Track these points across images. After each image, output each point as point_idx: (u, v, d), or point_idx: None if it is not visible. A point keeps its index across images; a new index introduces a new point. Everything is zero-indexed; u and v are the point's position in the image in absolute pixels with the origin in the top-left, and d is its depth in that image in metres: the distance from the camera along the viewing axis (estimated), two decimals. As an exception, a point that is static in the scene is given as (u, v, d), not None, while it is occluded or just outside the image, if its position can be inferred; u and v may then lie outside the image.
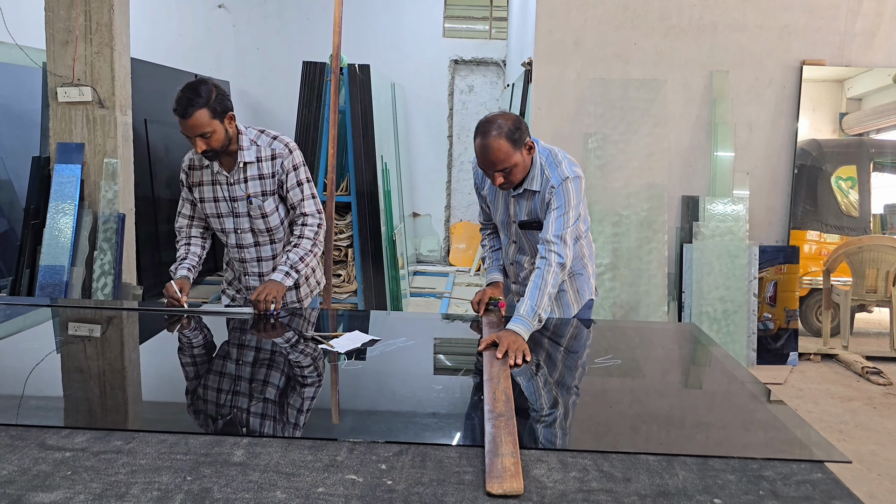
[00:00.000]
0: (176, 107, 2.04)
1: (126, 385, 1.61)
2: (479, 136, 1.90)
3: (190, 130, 2.05)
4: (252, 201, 2.21)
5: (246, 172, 2.20)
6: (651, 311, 4.11)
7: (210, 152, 2.11)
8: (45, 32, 3.80)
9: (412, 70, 7.04)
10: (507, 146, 1.88)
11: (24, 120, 5.19)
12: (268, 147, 2.21)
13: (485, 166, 1.92)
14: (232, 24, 7.06)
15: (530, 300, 1.87)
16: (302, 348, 1.88)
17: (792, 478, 1.14)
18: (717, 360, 1.84)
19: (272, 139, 2.22)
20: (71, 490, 1.05)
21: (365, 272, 4.47)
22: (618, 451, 1.22)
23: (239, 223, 2.26)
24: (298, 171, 2.23)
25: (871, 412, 3.43)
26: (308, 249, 2.22)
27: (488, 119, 1.93)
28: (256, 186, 2.21)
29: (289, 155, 2.20)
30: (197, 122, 2.04)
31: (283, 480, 1.09)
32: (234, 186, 2.21)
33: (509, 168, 1.91)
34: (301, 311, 2.32)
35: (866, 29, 4.14)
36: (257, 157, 2.20)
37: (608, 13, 4.14)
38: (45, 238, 3.74)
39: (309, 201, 2.25)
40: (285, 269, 2.17)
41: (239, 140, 2.18)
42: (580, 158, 4.23)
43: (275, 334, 2.04)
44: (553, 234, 1.94)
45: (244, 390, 1.55)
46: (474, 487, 1.08)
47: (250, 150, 2.19)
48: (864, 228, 4.36)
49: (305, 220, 2.24)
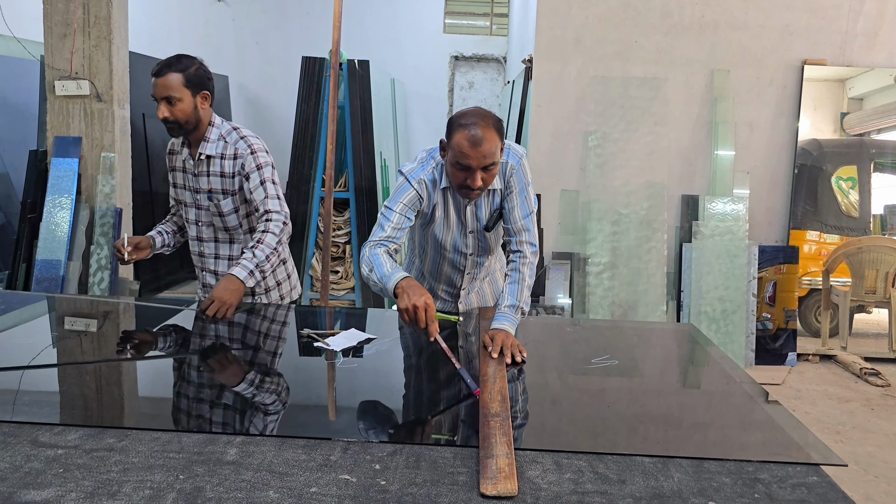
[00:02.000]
0: (155, 68, 2.00)
1: (122, 381, 1.60)
2: (467, 128, 1.68)
3: (158, 90, 1.98)
4: (211, 197, 2.13)
5: (209, 166, 2.11)
6: (650, 311, 4.10)
7: (172, 123, 2.02)
8: (43, 25, 3.78)
9: (412, 66, 7.03)
10: (497, 139, 1.71)
11: (21, 113, 5.17)
12: (233, 145, 2.11)
13: (474, 161, 1.69)
14: (231, 18, 7.04)
15: (511, 296, 1.83)
16: (297, 346, 1.87)
17: (787, 481, 1.14)
18: (714, 360, 1.84)
19: (240, 138, 2.12)
20: (63, 488, 1.04)
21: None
22: (613, 453, 1.21)
23: (200, 215, 2.19)
24: (262, 170, 2.10)
25: (868, 414, 3.43)
26: (273, 247, 2.05)
27: (469, 111, 1.75)
28: (217, 183, 2.12)
29: (250, 155, 2.08)
30: (167, 83, 1.97)
31: (277, 480, 1.08)
32: (197, 178, 2.14)
33: (493, 164, 1.72)
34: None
35: (868, 29, 4.12)
36: (222, 154, 2.10)
37: (609, 11, 4.12)
38: (42, 232, 3.73)
39: (273, 200, 2.09)
40: (250, 266, 2.00)
41: (207, 130, 2.10)
42: (580, 156, 4.22)
43: (271, 331, 2.03)
44: (521, 220, 1.87)
45: (238, 388, 1.54)
46: (468, 488, 1.07)
47: (216, 143, 2.10)
48: (864, 229, 4.35)
49: (269, 216, 2.07)
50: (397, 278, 1.67)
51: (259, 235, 2.05)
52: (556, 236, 4.22)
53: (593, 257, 4.14)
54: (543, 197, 4.19)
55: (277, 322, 2.12)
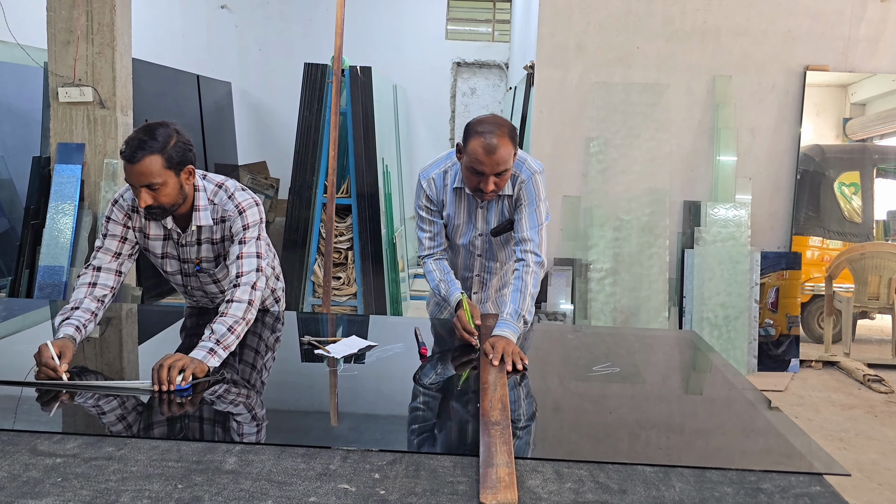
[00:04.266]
0: (124, 149, 1.69)
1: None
2: (483, 136, 1.76)
3: (135, 178, 1.69)
4: (202, 267, 1.95)
5: (200, 235, 1.91)
6: (652, 317, 4.09)
7: (156, 209, 1.75)
8: (46, 32, 3.80)
9: (414, 72, 7.04)
10: (511, 146, 1.79)
11: (25, 119, 5.19)
12: (222, 207, 1.87)
13: (488, 168, 1.77)
14: (234, 24, 7.07)
15: (513, 303, 1.85)
16: (299, 353, 1.87)
17: (790, 490, 1.13)
18: (716, 367, 1.83)
19: (228, 198, 1.88)
20: (61, 497, 1.03)
21: (365, 275, 4.46)
22: (614, 462, 1.21)
23: (188, 281, 2.03)
24: (248, 231, 1.85)
25: (872, 421, 3.41)
26: (239, 317, 1.71)
27: (486, 118, 1.81)
28: (209, 251, 1.93)
29: (237, 217, 1.85)
30: (145, 170, 1.68)
31: (275, 489, 1.07)
32: (185, 248, 1.93)
33: (506, 171, 1.80)
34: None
35: (870, 34, 4.12)
36: (213, 219, 1.88)
37: (611, 17, 4.13)
38: (45, 238, 3.74)
39: (249, 260, 1.81)
40: (209, 345, 1.62)
41: (196, 199, 1.84)
42: (581, 162, 4.22)
43: (271, 339, 2.03)
44: (528, 231, 1.93)
45: (238, 396, 1.54)
46: (468, 498, 1.07)
47: (206, 210, 1.86)
48: (867, 235, 4.34)
49: (238, 280, 1.78)
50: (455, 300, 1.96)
51: (223, 307, 1.74)
52: (557, 242, 4.21)
53: (595, 263, 4.14)
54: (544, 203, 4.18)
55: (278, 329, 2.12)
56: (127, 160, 1.69)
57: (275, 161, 6.85)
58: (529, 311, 1.87)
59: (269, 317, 2.17)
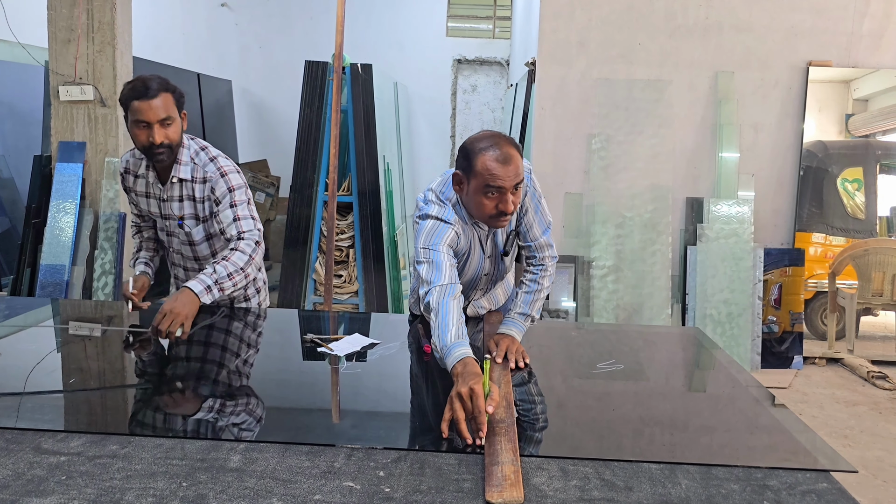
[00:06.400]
0: (132, 89, 1.80)
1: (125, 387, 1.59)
2: (490, 149, 1.58)
3: (152, 113, 1.81)
4: (183, 224, 1.99)
5: (181, 190, 1.98)
6: (654, 314, 4.08)
7: (165, 147, 1.86)
8: (47, 31, 3.80)
9: (415, 69, 7.03)
10: (519, 156, 1.63)
11: (25, 118, 5.19)
12: (202, 168, 1.96)
13: (507, 181, 1.58)
14: (235, 22, 7.06)
15: (524, 304, 1.84)
16: (301, 351, 1.86)
17: (797, 487, 1.12)
18: (720, 364, 1.82)
19: (210, 160, 1.97)
20: (65, 496, 1.03)
21: (366, 272, 4.45)
22: (620, 459, 1.20)
23: (170, 241, 2.07)
24: (234, 193, 1.95)
25: (876, 417, 3.40)
26: (240, 267, 1.85)
27: (481, 135, 1.65)
28: (189, 208, 1.99)
29: (220, 178, 1.94)
30: (161, 104, 1.82)
31: (280, 487, 1.07)
32: (166, 203, 1.99)
33: (520, 183, 1.62)
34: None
35: (874, 30, 4.10)
36: (192, 177, 1.96)
37: (613, 13, 4.11)
38: (46, 237, 3.73)
39: (246, 221, 1.94)
40: (208, 280, 1.80)
41: (179, 153, 1.94)
42: (584, 159, 4.21)
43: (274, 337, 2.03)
44: (541, 234, 1.85)
45: (241, 394, 1.54)
46: (473, 496, 1.06)
47: (187, 166, 1.96)
48: (871, 231, 4.32)
49: (242, 235, 1.91)
50: (457, 356, 1.41)
51: (226, 252, 1.88)
52: (560, 239, 4.20)
53: (597, 260, 4.13)
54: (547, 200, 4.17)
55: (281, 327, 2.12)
56: (141, 96, 1.80)
57: (275, 159, 6.85)
58: (538, 310, 1.87)
59: (251, 315, 2.17)
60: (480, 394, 1.27)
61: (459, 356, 1.40)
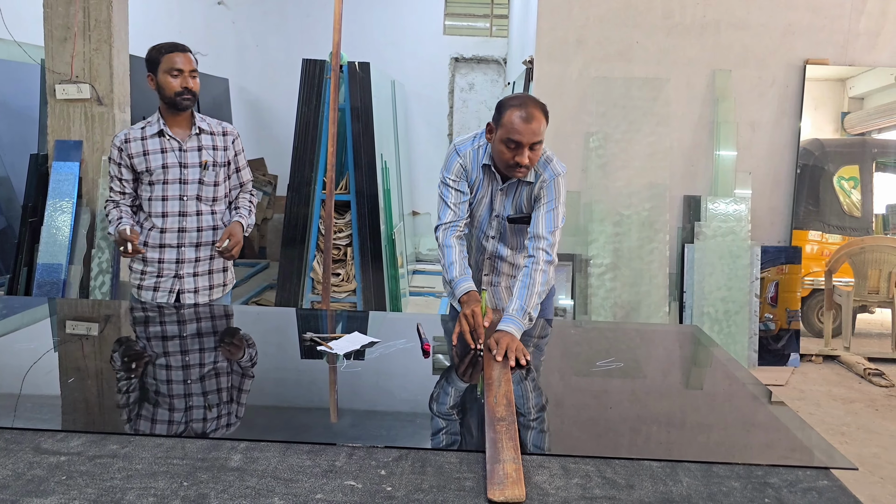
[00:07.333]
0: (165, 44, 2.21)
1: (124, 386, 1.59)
2: (518, 107, 1.83)
3: (183, 63, 2.20)
4: (208, 166, 2.32)
5: (200, 141, 2.32)
6: (652, 312, 4.09)
7: (193, 94, 2.23)
8: (43, 29, 3.77)
9: (412, 68, 7.02)
10: (544, 120, 1.86)
11: (22, 117, 5.16)
12: (218, 125, 2.38)
13: (525, 137, 1.82)
14: (231, 21, 7.03)
15: (519, 299, 1.85)
16: (300, 349, 1.86)
17: (798, 485, 1.13)
18: (718, 361, 1.83)
19: (218, 123, 2.41)
20: (65, 496, 1.03)
21: (364, 271, 4.45)
22: (621, 457, 1.20)
23: (185, 190, 2.32)
24: (240, 156, 2.45)
25: (873, 414, 3.42)
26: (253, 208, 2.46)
27: (518, 95, 1.93)
28: (210, 155, 2.33)
29: (237, 137, 2.42)
30: (190, 58, 2.23)
31: (281, 486, 1.07)
32: (186, 153, 2.30)
33: (539, 143, 1.86)
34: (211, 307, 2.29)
35: (870, 28, 4.11)
36: (211, 129, 2.35)
37: (610, 11, 4.11)
38: (43, 236, 3.72)
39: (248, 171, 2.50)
40: (249, 219, 2.39)
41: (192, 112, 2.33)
42: (581, 157, 4.21)
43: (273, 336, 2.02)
44: (544, 230, 1.95)
45: (241, 393, 1.53)
46: (475, 494, 1.06)
47: (203, 121, 2.35)
48: (867, 229, 4.34)
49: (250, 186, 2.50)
50: (463, 290, 1.91)
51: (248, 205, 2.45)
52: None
53: (595, 258, 4.13)
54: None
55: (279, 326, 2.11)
56: (173, 49, 2.20)
57: (273, 158, 6.83)
58: (535, 308, 1.86)
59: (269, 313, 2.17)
60: (479, 314, 1.79)
61: (465, 290, 1.91)
